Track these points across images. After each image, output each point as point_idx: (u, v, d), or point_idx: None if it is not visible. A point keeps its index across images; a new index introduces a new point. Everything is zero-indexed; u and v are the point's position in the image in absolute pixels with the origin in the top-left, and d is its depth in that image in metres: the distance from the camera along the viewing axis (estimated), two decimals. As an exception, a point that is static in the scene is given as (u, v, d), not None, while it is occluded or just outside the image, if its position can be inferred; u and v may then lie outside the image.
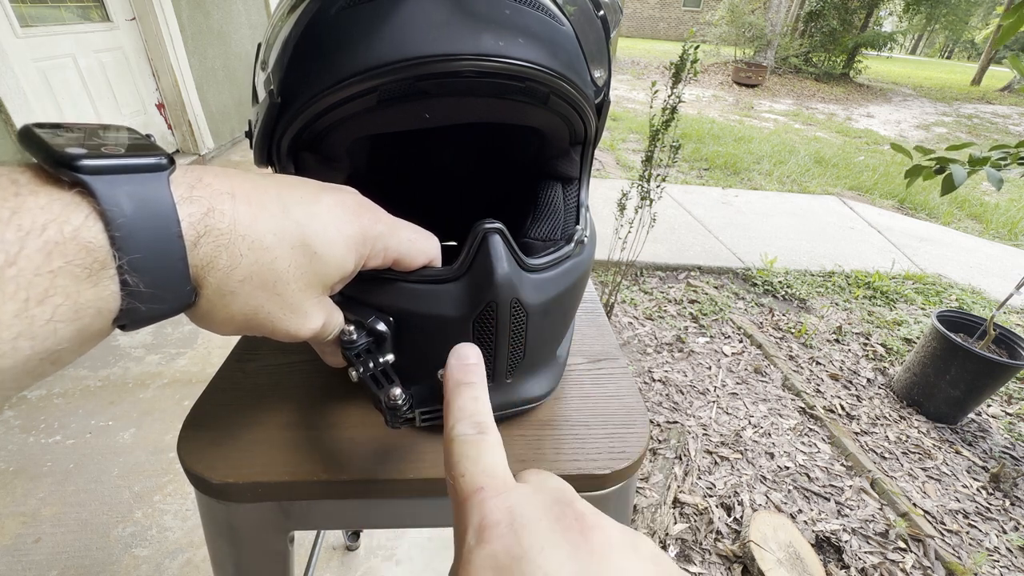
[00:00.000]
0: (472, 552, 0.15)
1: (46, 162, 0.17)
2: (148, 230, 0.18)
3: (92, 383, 1.46)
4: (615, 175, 3.78)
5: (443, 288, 0.31)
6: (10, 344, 0.16)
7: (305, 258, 0.24)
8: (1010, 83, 12.31)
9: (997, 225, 3.49)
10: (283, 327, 0.25)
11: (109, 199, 0.17)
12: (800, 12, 10.87)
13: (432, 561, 1.09)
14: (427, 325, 0.32)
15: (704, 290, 2.28)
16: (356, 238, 0.26)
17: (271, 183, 0.24)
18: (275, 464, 0.34)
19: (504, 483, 0.18)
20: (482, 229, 0.31)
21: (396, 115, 0.32)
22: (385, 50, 0.28)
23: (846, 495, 1.32)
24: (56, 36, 2.13)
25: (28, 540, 1.05)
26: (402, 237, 0.29)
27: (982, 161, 1.14)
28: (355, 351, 0.30)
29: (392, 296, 0.31)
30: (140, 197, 0.18)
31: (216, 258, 0.21)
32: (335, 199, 0.26)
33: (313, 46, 0.29)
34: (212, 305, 0.22)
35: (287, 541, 0.39)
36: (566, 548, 0.15)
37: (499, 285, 0.30)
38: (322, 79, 0.29)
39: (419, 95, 0.31)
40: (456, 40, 0.28)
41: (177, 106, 2.84)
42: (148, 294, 0.19)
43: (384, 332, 0.31)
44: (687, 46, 1.48)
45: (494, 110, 0.34)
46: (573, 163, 0.42)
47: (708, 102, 7.48)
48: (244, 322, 0.24)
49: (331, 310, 0.28)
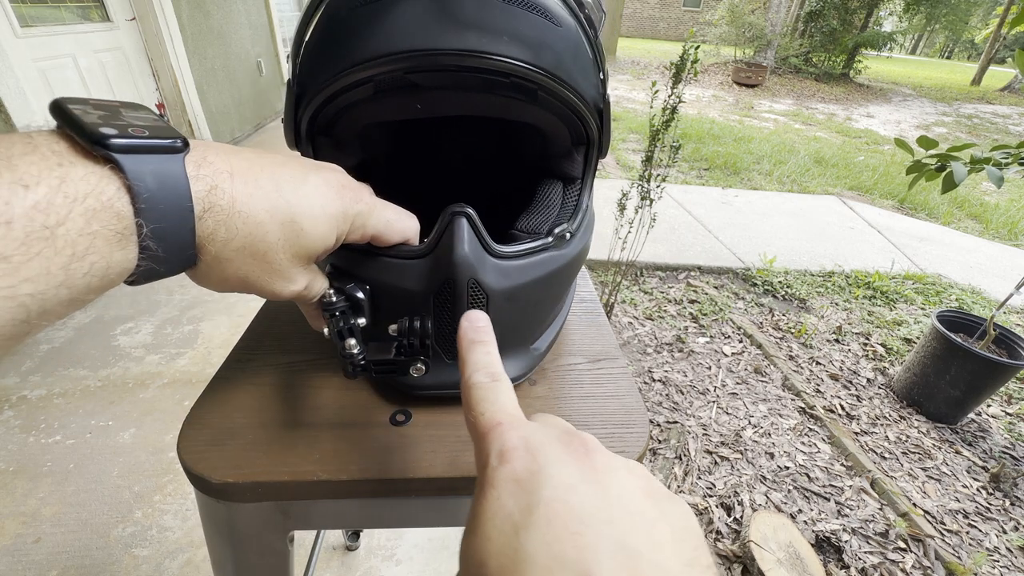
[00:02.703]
0: (495, 471, 0.18)
1: (82, 138, 0.19)
2: (167, 203, 0.21)
3: (92, 383, 1.46)
4: (615, 175, 3.78)
5: (410, 263, 0.34)
6: (54, 291, 0.19)
7: (293, 233, 0.27)
8: (1010, 83, 12.31)
9: (997, 225, 3.49)
10: (270, 288, 0.28)
11: (136, 175, 0.20)
12: (800, 12, 10.86)
13: (432, 561, 1.09)
14: (394, 295, 0.35)
15: (704, 290, 2.28)
16: (337, 216, 0.29)
17: (265, 162, 0.27)
18: (275, 464, 0.34)
19: (519, 419, 0.21)
20: (450, 211, 0.34)
21: (391, 105, 0.35)
22: (378, 45, 0.31)
23: (846, 495, 1.32)
24: (56, 36, 2.13)
25: (28, 540, 1.05)
26: (380, 217, 0.32)
27: (984, 160, 1.15)
28: (332, 311, 0.33)
29: (367, 268, 0.35)
30: (161, 174, 0.21)
31: (216, 230, 0.24)
32: (321, 179, 0.29)
33: (322, 41, 0.34)
34: (210, 269, 0.25)
35: (287, 541, 0.39)
36: (574, 465, 0.18)
37: (457, 264, 0.33)
38: (326, 70, 0.33)
39: (410, 87, 0.34)
40: (440, 37, 0.31)
41: (177, 106, 2.84)
42: (162, 258, 0.22)
43: (361, 299, 0.34)
44: (687, 46, 1.48)
45: (483, 104, 0.35)
46: (576, 163, 0.42)
47: (708, 102, 7.48)
48: (238, 283, 0.27)
49: (314, 275, 0.31)
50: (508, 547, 0.16)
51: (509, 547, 0.16)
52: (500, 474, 0.18)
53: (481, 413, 0.21)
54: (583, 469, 0.18)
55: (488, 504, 0.17)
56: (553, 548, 0.15)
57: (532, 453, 0.18)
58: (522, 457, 0.18)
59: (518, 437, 0.19)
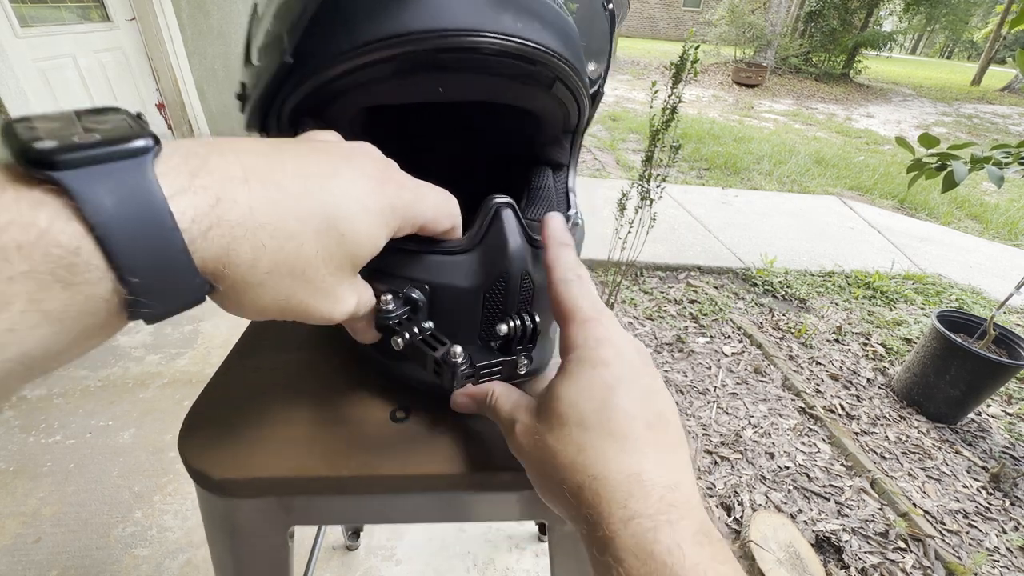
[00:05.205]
0: (594, 352, 0.26)
1: (16, 159, 0.15)
2: (136, 225, 0.16)
3: (92, 383, 1.46)
4: (615, 175, 3.78)
5: (455, 259, 0.31)
6: None
7: (333, 240, 0.23)
8: (1010, 83, 12.32)
9: (997, 225, 3.49)
10: (317, 312, 0.24)
11: (85, 194, 0.15)
12: (800, 12, 10.87)
13: (432, 561, 1.09)
14: (440, 295, 0.32)
15: (704, 290, 2.28)
16: (385, 212, 0.25)
17: (287, 155, 0.23)
18: (276, 459, 0.34)
19: (607, 314, 0.28)
20: (495, 203, 0.31)
21: (411, 86, 0.32)
22: (409, 19, 0.28)
23: (846, 495, 1.32)
24: (56, 36, 2.13)
25: (28, 540, 1.05)
26: (428, 202, 0.28)
27: (984, 160, 1.15)
28: (395, 319, 0.29)
29: (410, 267, 0.31)
30: (120, 187, 0.16)
31: (233, 250, 0.19)
32: (357, 169, 0.25)
33: (334, 9, 0.29)
34: (240, 296, 0.21)
35: (287, 537, 0.39)
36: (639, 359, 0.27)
37: (512, 258, 0.31)
38: (340, 43, 0.29)
39: (436, 68, 0.31)
40: (478, 16, 0.29)
41: (177, 106, 2.84)
42: (153, 290, 0.18)
43: (420, 300, 0.31)
44: (687, 46, 1.48)
45: (503, 90, 0.34)
46: (564, 150, 0.42)
47: (708, 102, 7.48)
48: (277, 311, 0.23)
49: (362, 288, 0.28)
50: (601, 398, 0.25)
51: (602, 399, 0.25)
52: (599, 354, 0.26)
53: (579, 307, 0.28)
54: (645, 363, 0.27)
55: (586, 370, 0.26)
56: (632, 405, 0.25)
57: (616, 346, 0.26)
58: (613, 346, 0.26)
59: (609, 332, 0.27)
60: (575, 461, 0.24)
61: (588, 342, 0.26)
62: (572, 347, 0.27)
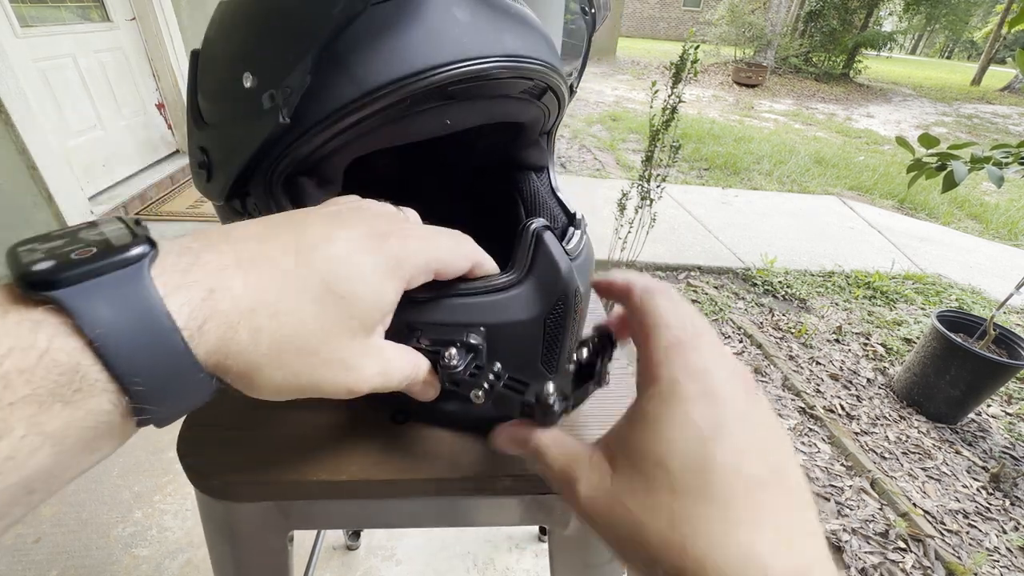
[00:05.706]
0: (684, 387, 0.21)
1: (18, 283, 0.16)
2: (135, 332, 0.16)
3: (92, 383, 1.46)
4: (615, 175, 3.78)
5: (510, 294, 0.30)
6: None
7: (334, 307, 0.22)
8: (1010, 83, 12.31)
9: (997, 225, 3.49)
10: (334, 386, 0.23)
11: (82, 308, 0.16)
12: (800, 12, 10.87)
13: (432, 561, 1.09)
14: (499, 333, 0.30)
15: (704, 290, 2.28)
16: (388, 265, 0.24)
17: (282, 229, 0.22)
18: (275, 463, 0.34)
19: (697, 337, 0.23)
20: (534, 229, 0.31)
21: (419, 124, 0.30)
22: (414, 57, 0.26)
23: (846, 495, 1.32)
24: (56, 36, 2.13)
25: (28, 540, 1.05)
26: (438, 247, 0.27)
27: (984, 159, 1.15)
28: (464, 373, 0.27)
29: (459, 314, 0.29)
30: (118, 297, 0.16)
31: (231, 338, 0.19)
32: (353, 229, 0.24)
33: (330, 57, 0.26)
34: (250, 380, 0.20)
35: (287, 541, 0.39)
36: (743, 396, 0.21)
37: (566, 280, 0.31)
38: (343, 93, 0.27)
39: (444, 101, 0.30)
40: (483, 43, 0.28)
41: (177, 106, 2.84)
42: (158, 394, 0.17)
43: (479, 345, 0.29)
44: (687, 46, 1.48)
45: (502, 109, 0.34)
46: (542, 151, 0.42)
47: (708, 102, 7.48)
48: (296, 390, 0.22)
49: (390, 352, 0.26)
50: (695, 453, 0.20)
51: (697, 453, 0.19)
52: (690, 391, 0.21)
53: (668, 324, 0.23)
54: (751, 396, 0.21)
55: (674, 414, 0.20)
56: (737, 459, 0.19)
57: (714, 379, 0.21)
58: (710, 379, 0.21)
59: (705, 360, 0.21)
60: (669, 538, 0.19)
61: (676, 374, 0.21)
62: (654, 379, 0.22)
